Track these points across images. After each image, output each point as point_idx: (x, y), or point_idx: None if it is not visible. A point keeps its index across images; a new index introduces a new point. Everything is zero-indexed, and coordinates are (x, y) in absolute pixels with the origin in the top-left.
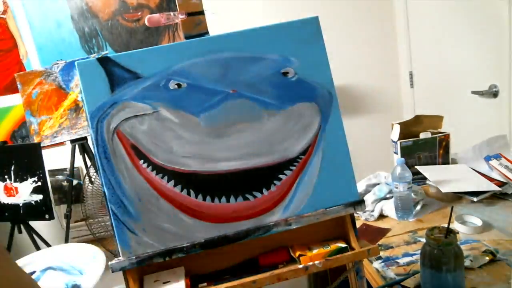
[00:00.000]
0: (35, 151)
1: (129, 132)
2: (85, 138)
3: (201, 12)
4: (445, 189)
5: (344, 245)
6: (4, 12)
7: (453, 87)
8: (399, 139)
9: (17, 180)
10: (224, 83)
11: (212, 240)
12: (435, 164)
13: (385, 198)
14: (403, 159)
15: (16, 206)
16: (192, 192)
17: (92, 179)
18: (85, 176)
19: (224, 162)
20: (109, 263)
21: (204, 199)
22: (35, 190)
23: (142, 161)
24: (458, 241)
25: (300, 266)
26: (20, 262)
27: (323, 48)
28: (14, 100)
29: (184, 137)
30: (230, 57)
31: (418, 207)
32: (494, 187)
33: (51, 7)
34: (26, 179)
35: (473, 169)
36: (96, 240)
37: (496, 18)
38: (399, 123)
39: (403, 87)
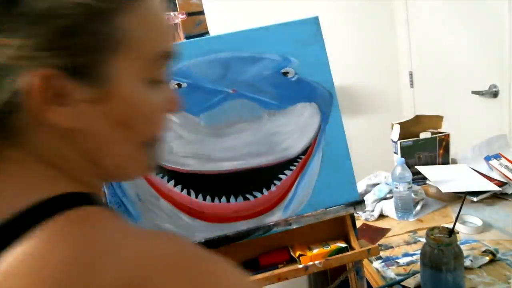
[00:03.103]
0: None
1: None
2: None
3: (201, 12)
4: (445, 189)
5: (344, 245)
6: None
7: (453, 87)
8: (399, 139)
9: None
10: (224, 83)
11: (212, 240)
12: (435, 164)
13: (385, 198)
14: (403, 159)
15: None
16: (192, 192)
17: None
18: None
19: (224, 162)
20: None
21: (204, 199)
22: None
23: None
24: (458, 241)
25: (300, 266)
26: None
27: (323, 48)
28: None
29: (184, 137)
30: (230, 57)
31: (418, 207)
32: (494, 187)
33: None
34: None
35: (473, 169)
36: None
37: (496, 18)
38: (399, 123)
39: (403, 87)
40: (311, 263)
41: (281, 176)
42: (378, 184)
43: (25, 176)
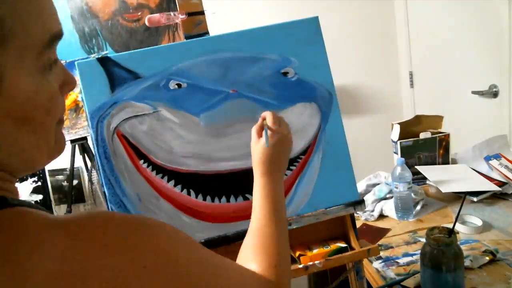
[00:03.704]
0: None
1: (129, 132)
2: (85, 138)
3: (201, 12)
4: (445, 189)
5: (344, 245)
6: None
7: (453, 87)
8: (399, 139)
9: (17, 180)
10: (224, 83)
11: (212, 240)
12: (435, 164)
13: (385, 198)
14: (403, 159)
15: None
16: (192, 192)
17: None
18: (90, 175)
19: (224, 162)
20: None
21: (204, 199)
22: (35, 190)
23: (142, 161)
24: (458, 241)
25: (300, 266)
26: None
27: (323, 48)
28: None
29: (184, 137)
30: (230, 57)
31: (418, 207)
32: (494, 187)
33: None
34: (26, 179)
35: (473, 169)
36: None
37: (496, 18)
38: (399, 123)
39: (403, 87)
40: (311, 263)
41: None
42: (378, 184)
43: None
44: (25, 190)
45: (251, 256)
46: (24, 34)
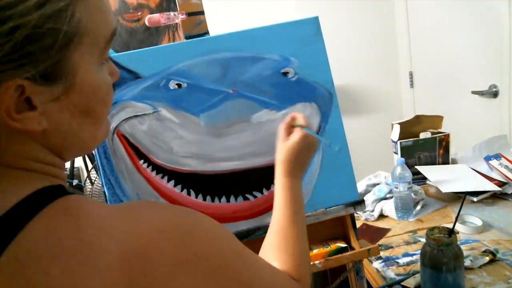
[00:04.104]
0: None
1: (130, 132)
2: None
3: (201, 12)
4: (445, 189)
5: (344, 245)
6: None
7: (453, 87)
8: (399, 139)
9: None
10: (224, 83)
11: None
12: (435, 164)
13: (385, 198)
14: (403, 159)
15: None
16: (192, 192)
17: (93, 180)
18: (86, 178)
19: (224, 162)
20: None
21: (204, 199)
22: None
23: (142, 161)
24: (458, 241)
25: None
26: None
27: (323, 48)
28: None
29: (184, 137)
30: (230, 57)
31: (418, 207)
32: (494, 187)
33: None
34: None
35: (473, 169)
36: None
37: (496, 18)
38: (399, 123)
39: (403, 87)
40: (311, 263)
41: None
42: (378, 184)
43: None
44: None
45: (275, 255)
46: (94, 31)
